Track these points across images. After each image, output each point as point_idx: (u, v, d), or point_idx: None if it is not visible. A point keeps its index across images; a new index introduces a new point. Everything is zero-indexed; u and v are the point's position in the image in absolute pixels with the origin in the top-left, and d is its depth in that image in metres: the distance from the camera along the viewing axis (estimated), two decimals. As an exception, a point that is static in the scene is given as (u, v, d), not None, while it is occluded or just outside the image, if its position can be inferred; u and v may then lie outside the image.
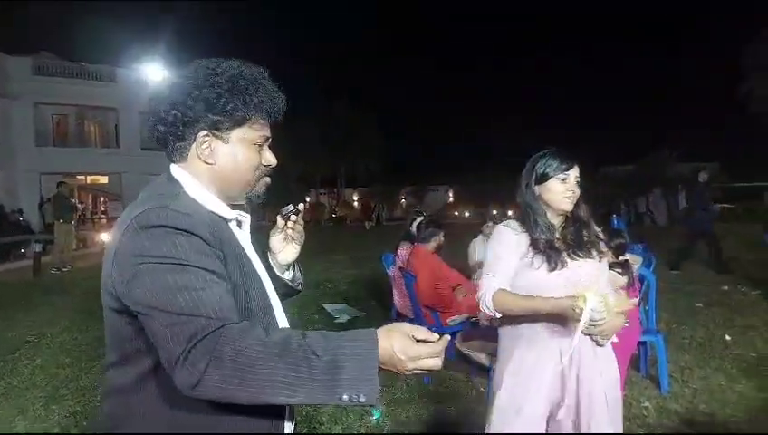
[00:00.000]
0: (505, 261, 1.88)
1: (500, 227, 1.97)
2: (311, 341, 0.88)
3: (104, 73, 26.51)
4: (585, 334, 1.78)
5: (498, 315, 1.87)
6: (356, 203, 36.95)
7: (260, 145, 1.13)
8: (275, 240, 1.33)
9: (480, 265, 5.53)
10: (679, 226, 19.83)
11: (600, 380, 1.83)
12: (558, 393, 1.84)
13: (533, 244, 1.87)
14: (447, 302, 4.14)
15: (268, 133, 1.14)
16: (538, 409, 1.84)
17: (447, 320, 4.13)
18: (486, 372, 3.55)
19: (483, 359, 3.47)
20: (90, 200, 28.28)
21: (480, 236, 5.79)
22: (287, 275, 1.35)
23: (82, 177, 27.00)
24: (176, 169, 1.10)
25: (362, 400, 0.86)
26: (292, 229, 1.31)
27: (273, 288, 1.18)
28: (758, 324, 5.17)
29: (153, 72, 27.71)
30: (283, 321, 1.17)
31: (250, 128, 1.10)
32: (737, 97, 15.76)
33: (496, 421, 1.91)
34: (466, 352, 3.76)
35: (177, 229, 0.95)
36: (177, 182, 1.08)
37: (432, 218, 5.18)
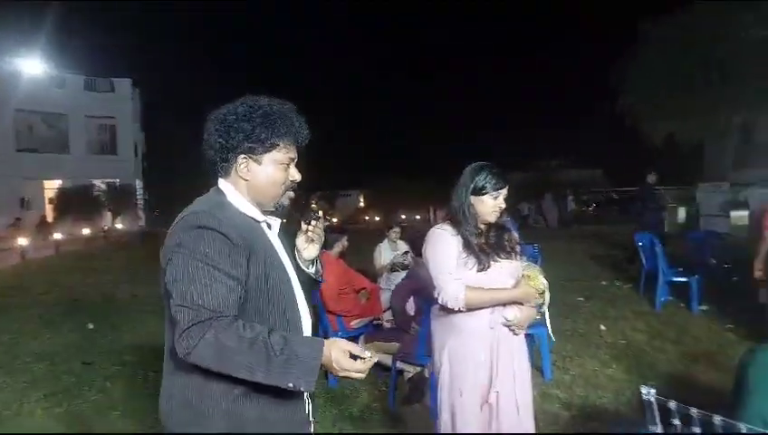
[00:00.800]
0: (453, 261, 2.08)
1: (437, 231, 2.17)
2: (274, 340, 1.21)
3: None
4: (504, 325, 2.10)
5: (465, 308, 2.05)
6: (264, 208, 35.98)
7: (287, 165, 1.44)
8: (300, 241, 1.60)
9: (385, 268, 5.70)
10: (567, 228, 21.81)
11: (517, 375, 2.12)
12: (489, 377, 2.08)
13: (467, 246, 2.10)
14: (352, 306, 4.23)
15: (294, 155, 1.45)
16: (476, 390, 2.08)
17: (351, 323, 4.22)
18: (389, 371, 3.69)
19: (386, 359, 3.59)
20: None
21: (385, 241, 5.95)
22: (311, 269, 1.63)
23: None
24: (222, 183, 1.45)
25: (302, 388, 1.23)
26: (313, 232, 1.60)
27: (296, 278, 1.50)
28: (628, 315, 5.83)
29: (30, 66, 25.17)
30: (302, 302, 1.49)
31: (279, 152, 1.41)
32: (617, 110, 17.47)
33: (444, 401, 2.14)
34: (370, 354, 3.86)
35: (210, 229, 1.28)
36: (223, 192, 1.43)
37: (332, 224, 5.25)
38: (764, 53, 14.26)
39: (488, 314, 2.08)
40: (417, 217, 35.83)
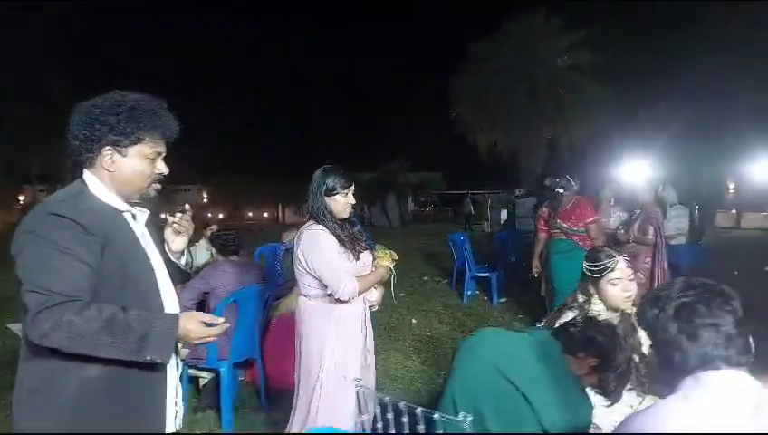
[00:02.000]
0: (336, 257, 2.29)
1: (315, 232, 2.31)
2: (130, 318, 1.30)
3: None
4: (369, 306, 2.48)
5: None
6: (88, 203, 31.97)
7: (152, 158, 1.49)
8: (167, 233, 1.67)
9: (202, 267, 5.38)
10: (407, 226, 23.14)
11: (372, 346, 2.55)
12: (364, 353, 2.45)
13: (341, 241, 2.32)
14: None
15: (160, 149, 1.51)
16: (356, 368, 2.35)
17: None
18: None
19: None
20: None
21: (202, 241, 5.62)
22: (181, 261, 1.69)
23: None
24: (86, 173, 1.48)
25: (159, 360, 1.34)
26: (179, 224, 1.66)
27: (163, 268, 1.56)
28: (439, 308, 6.31)
29: None
30: (168, 292, 1.54)
31: (144, 145, 1.46)
32: (450, 120, 18.99)
33: (328, 385, 2.29)
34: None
35: (62, 216, 1.32)
36: (85, 183, 1.47)
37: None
38: (570, 78, 16.68)
39: (362, 300, 2.40)
40: (266, 214, 34.94)
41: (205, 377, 3.45)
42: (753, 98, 11.35)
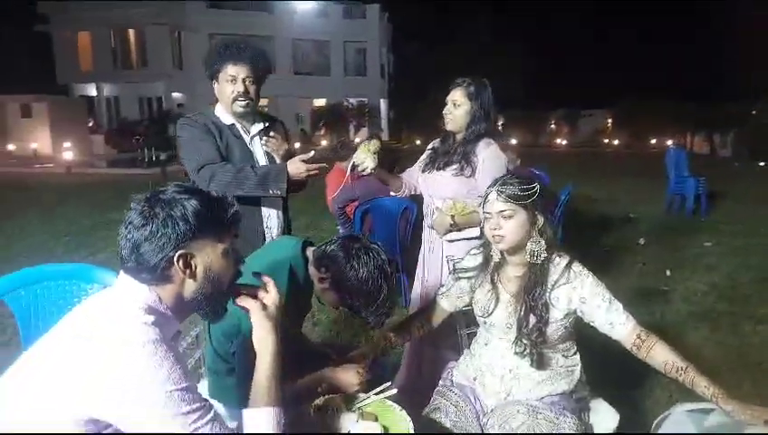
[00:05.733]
0: (419, 164, 2.57)
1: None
2: (254, 168, 2.05)
3: (265, 5, 28.82)
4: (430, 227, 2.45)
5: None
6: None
7: (231, 82, 2.08)
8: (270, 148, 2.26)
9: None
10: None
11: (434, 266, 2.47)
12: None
13: (430, 151, 2.53)
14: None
15: (235, 73, 2.08)
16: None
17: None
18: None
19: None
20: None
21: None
22: None
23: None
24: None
25: (277, 192, 2.03)
26: (266, 144, 2.24)
27: (264, 161, 2.22)
28: (670, 265, 5.20)
29: (303, 2, 29.51)
30: None
31: (223, 72, 2.09)
32: None
33: None
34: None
35: (187, 123, 2.15)
36: (214, 107, 2.22)
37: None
38: None
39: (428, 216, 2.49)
40: (670, 142, 30.73)
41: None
42: None
